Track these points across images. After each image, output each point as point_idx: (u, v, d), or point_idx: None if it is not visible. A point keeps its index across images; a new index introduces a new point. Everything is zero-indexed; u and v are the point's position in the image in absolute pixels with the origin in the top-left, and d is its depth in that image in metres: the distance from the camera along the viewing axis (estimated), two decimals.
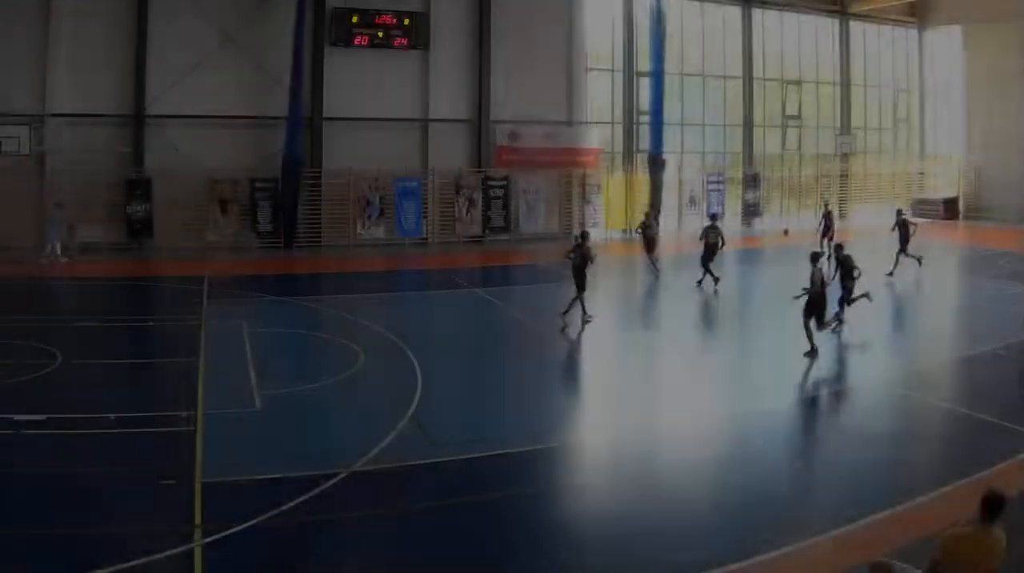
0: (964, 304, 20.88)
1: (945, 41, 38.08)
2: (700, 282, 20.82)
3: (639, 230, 23.75)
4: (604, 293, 17.96)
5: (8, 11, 25.58)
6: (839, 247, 16.96)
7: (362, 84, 28.25)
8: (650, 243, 23.03)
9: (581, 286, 16.72)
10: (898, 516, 8.32)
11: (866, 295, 16.40)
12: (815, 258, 14.49)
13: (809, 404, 12.79)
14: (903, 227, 22.31)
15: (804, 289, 14.24)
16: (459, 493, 9.08)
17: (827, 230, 23.91)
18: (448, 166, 29.32)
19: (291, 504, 8.47)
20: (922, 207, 36.99)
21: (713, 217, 23.14)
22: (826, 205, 25.77)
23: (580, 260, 16.76)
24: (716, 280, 20.54)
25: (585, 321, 16.78)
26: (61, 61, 25.96)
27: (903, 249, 22.22)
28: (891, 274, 21.96)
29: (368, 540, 8.22)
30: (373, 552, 7.98)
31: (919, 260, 22.39)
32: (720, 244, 20.89)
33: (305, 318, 17.71)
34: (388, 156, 28.23)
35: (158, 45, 26.48)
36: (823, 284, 14.31)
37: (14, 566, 7.27)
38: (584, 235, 17.63)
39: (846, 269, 15.99)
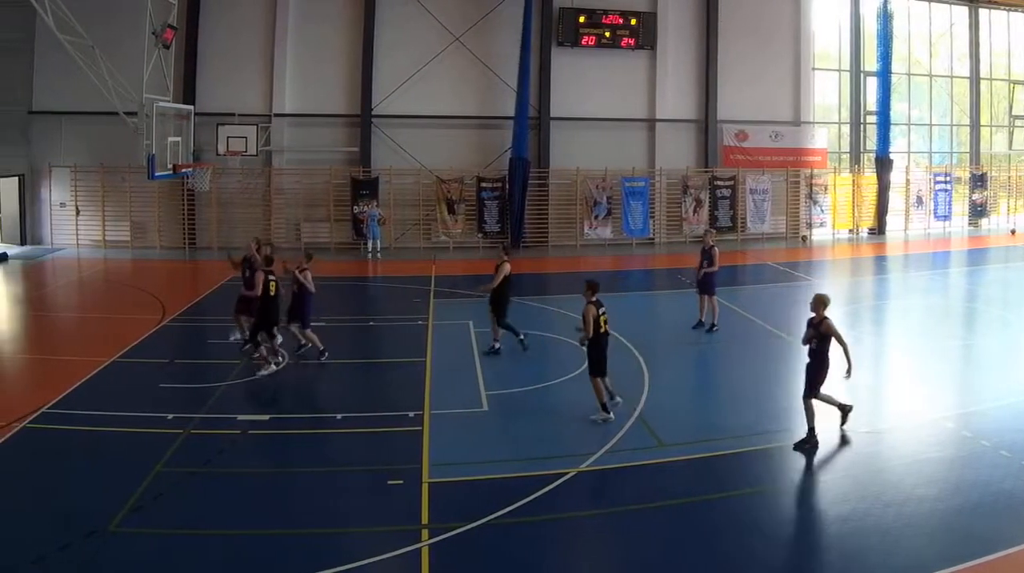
0: None
1: None
2: None
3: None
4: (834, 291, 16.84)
5: (237, 14, 26.53)
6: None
7: (589, 84, 28.20)
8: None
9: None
10: None
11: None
12: None
13: None
14: (705, 259, 15.89)
15: None
16: (686, 493, 8.95)
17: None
18: (675, 166, 28.93)
19: (518, 504, 8.42)
20: None
21: None
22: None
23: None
24: None
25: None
26: (288, 62, 26.67)
27: (708, 292, 15.98)
28: (706, 325, 16.11)
29: (597, 540, 8.15)
30: (602, 551, 7.90)
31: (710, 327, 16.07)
32: None
33: (532, 318, 17.15)
34: (615, 156, 28.11)
35: (385, 46, 26.99)
36: None
37: (244, 565, 7.40)
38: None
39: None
